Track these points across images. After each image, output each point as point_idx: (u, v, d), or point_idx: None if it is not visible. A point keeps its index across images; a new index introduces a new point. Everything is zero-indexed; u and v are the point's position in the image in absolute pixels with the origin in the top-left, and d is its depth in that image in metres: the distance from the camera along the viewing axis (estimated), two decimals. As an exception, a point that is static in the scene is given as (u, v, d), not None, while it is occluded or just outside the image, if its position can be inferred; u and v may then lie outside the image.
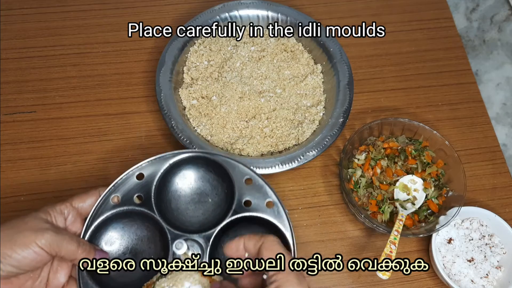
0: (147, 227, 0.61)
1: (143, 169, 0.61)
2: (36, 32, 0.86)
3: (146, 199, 0.59)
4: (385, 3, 0.94)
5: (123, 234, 0.61)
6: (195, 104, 0.76)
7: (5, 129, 0.77)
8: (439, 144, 0.74)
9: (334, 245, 0.72)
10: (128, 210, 0.59)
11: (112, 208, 0.58)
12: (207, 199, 0.65)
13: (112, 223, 0.60)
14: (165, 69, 0.76)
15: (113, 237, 0.60)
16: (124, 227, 0.61)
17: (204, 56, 0.79)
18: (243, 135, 0.75)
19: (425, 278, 0.71)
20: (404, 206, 0.70)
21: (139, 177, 0.60)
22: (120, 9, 0.89)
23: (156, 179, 0.60)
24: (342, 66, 0.78)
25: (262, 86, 0.78)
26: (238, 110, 0.75)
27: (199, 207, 0.64)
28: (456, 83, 0.86)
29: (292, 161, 0.70)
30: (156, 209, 0.59)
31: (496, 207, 0.76)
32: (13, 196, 0.72)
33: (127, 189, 0.60)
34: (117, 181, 0.60)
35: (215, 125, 0.75)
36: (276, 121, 0.75)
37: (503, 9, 0.89)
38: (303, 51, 0.83)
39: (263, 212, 0.60)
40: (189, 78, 0.79)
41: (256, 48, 0.81)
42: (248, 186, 0.61)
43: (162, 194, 0.62)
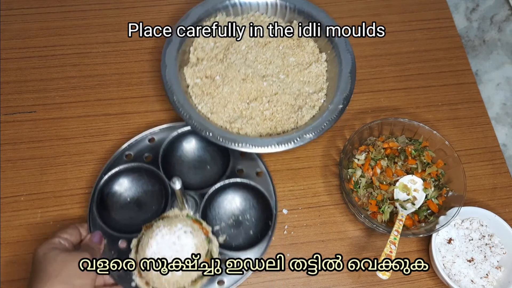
0: (153, 183, 0.71)
1: (155, 134, 0.74)
2: (36, 32, 0.86)
3: (154, 159, 0.71)
4: (385, 3, 0.94)
5: (131, 186, 0.71)
6: (198, 82, 0.77)
7: (5, 129, 0.77)
8: (439, 144, 0.74)
9: (334, 245, 0.72)
10: (138, 166, 0.70)
11: (125, 162, 0.70)
12: (206, 166, 0.75)
13: (124, 175, 0.70)
14: (172, 47, 0.77)
15: (123, 186, 0.70)
16: (133, 180, 0.71)
17: (211, 38, 0.81)
18: (243, 115, 0.76)
19: (425, 278, 0.71)
20: (404, 206, 0.70)
21: (150, 141, 0.73)
22: (120, 9, 0.89)
23: (165, 143, 0.72)
24: (346, 55, 0.78)
25: (266, 70, 0.79)
26: (240, 92, 0.76)
27: (199, 172, 0.74)
28: (456, 83, 0.86)
29: (289, 142, 0.70)
30: (162, 168, 0.69)
31: (496, 207, 0.76)
32: (13, 196, 0.72)
33: (139, 149, 0.73)
34: (132, 141, 0.73)
35: (216, 104, 0.76)
36: (277, 105, 0.76)
37: (503, 9, 0.89)
38: (309, 40, 0.83)
39: (252, 180, 0.70)
40: (195, 58, 0.80)
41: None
42: (243, 158, 0.74)
43: (168, 157, 0.73)
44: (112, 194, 0.70)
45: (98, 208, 0.67)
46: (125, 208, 0.70)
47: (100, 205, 0.68)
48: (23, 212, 0.71)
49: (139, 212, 0.70)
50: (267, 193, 0.70)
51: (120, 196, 0.70)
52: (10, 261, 0.68)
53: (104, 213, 0.68)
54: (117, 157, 0.71)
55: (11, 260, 0.68)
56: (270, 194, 0.71)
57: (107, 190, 0.69)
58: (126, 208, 0.70)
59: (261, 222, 0.70)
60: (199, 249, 0.61)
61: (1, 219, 0.71)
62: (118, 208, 0.69)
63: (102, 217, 0.66)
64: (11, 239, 0.69)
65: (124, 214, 0.69)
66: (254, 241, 0.68)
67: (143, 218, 0.68)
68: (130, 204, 0.70)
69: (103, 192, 0.69)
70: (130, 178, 0.71)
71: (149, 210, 0.70)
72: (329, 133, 0.80)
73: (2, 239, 0.69)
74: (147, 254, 0.60)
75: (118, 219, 0.69)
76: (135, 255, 0.64)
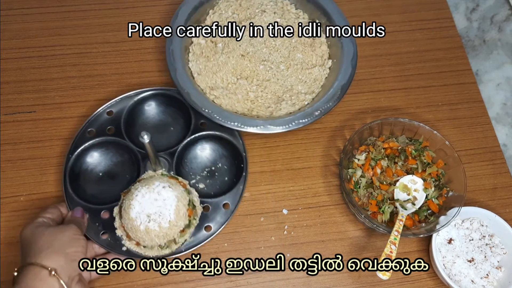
0: (121, 154, 0.73)
1: (112, 107, 0.75)
2: (36, 32, 0.86)
3: (117, 130, 0.73)
4: (385, 3, 0.93)
5: (100, 160, 0.73)
6: (201, 43, 0.80)
7: (5, 129, 0.77)
8: (439, 144, 0.73)
9: (334, 245, 0.72)
10: (102, 140, 0.72)
11: (89, 139, 0.72)
12: (169, 128, 0.77)
13: (90, 151, 0.72)
14: (190, 3, 0.80)
15: (92, 162, 0.73)
16: (101, 155, 0.73)
17: (232, 8, 0.83)
18: (227, 88, 0.77)
19: (425, 278, 0.71)
20: (404, 206, 0.70)
21: (109, 114, 0.75)
22: (120, 9, 0.89)
23: (124, 112, 0.74)
24: (347, 68, 0.78)
25: (269, 56, 0.80)
26: (234, 65, 0.78)
27: (164, 135, 0.76)
28: (456, 83, 0.86)
29: (251, 126, 0.71)
30: (126, 138, 0.72)
31: (497, 207, 0.76)
32: (13, 196, 0.72)
33: (100, 123, 0.74)
34: (90, 118, 0.74)
35: (207, 68, 0.78)
36: (264, 91, 0.77)
37: (503, 9, 0.89)
38: (323, 43, 0.83)
39: (216, 131, 0.74)
40: (210, 21, 0.82)
41: (282, 21, 0.83)
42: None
43: (130, 126, 0.75)
44: (83, 171, 0.72)
45: (72, 186, 0.69)
46: (99, 182, 0.72)
47: (74, 184, 0.70)
48: (23, 212, 0.71)
49: (115, 184, 0.72)
50: (233, 139, 0.73)
51: (91, 172, 0.72)
52: (10, 261, 0.68)
53: (80, 190, 0.70)
54: (80, 136, 0.73)
55: (11, 260, 0.68)
56: (236, 139, 0.74)
57: (77, 169, 0.71)
58: (101, 183, 0.72)
59: (233, 167, 0.74)
60: (180, 199, 0.63)
61: (1, 219, 0.71)
62: (93, 184, 0.72)
63: (78, 195, 0.69)
64: (11, 239, 0.69)
65: (100, 188, 0.71)
66: (231, 185, 0.72)
67: (120, 188, 0.70)
68: (103, 178, 0.72)
69: (73, 171, 0.71)
70: (98, 153, 0.73)
71: (123, 180, 0.72)
72: (329, 133, 0.80)
73: (2, 239, 0.69)
74: (131, 215, 0.62)
75: (95, 193, 0.71)
76: (119, 221, 0.66)
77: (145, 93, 0.76)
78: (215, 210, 0.70)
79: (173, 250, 0.65)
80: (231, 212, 0.70)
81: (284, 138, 0.79)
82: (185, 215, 0.64)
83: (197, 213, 0.68)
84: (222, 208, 0.70)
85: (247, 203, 0.74)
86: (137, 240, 0.64)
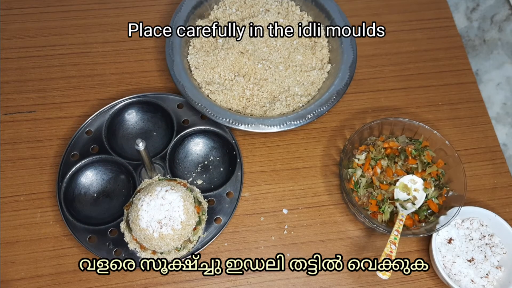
0: (110, 170, 0.72)
1: (89, 126, 0.74)
2: (36, 31, 0.86)
3: (100, 148, 0.72)
4: (385, 3, 0.93)
5: (92, 182, 0.71)
6: (202, 38, 0.80)
7: (5, 129, 0.77)
8: (439, 144, 0.73)
9: (334, 245, 0.72)
10: (88, 161, 0.71)
11: (75, 163, 0.70)
12: (152, 134, 0.76)
13: (78, 175, 0.71)
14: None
15: (83, 185, 0.71)
16: (91, 177, 0.72)
17: (236, 4, 0.83)
18: (223, 84, 0.77)
19: (425, 278, 0.71)
20: (404, 206, 0.70)
21: (88, 133, 0.74)
22: (120, 9, 0.89)
23: (103, 129, 0.73)
24: (344, 74, 0.78)
25: (268, 55, 0.80)
26: (233, 62, 0.78)
27: (149, 142, 0.75)
28: (456, 83, 0.86)
29: (242, 124, 0.71)
30: (112, 153, 0.71)
31: (497, 207, 0.76)
32: (13, 196, 0.72)
33: (81, 145, 0.72)
34: (70, 142, 0.72)
35: (206, 63, 0.78)
36: (260, 89, 0.77)
37: (503, 9, 0.89)
38: (325, 47, 0.83)
39: (201, 125, 0.74)
40: (214, 16, 0.83)
41: (285, 22, 0.83)
42: (181, 109, 0.76)
43: (114, 140, 0.74)
44: (77, 196, 0.71)
45: (71, 213, 0.68)
46: (96, 203, 0.71)
47: (72, 211, 0.69)
48: (23, 212, 0.71)
49: (112, 200, 0.71)
50: (220, 129, 0.74)
51: (85, 195, 0.71)
52: (10, 261, 0.68)
53: (80, 215, 0.69)
54: (65, 162, 0.71)
55: (11, 260, 0.68)
56: (223, 129, 0.74)
57: (71, 196, 0.70)
58: (98, 203, 0.71)
59: (226, 156, 0.75)
60: (186, 199, 0.64)
61: (1, 219, 0.71)
62: (90, 206, 0.71)
63: (79, 220, 0.68)
64: (11, 239, 0.69)
65: (99, 208, 0.71)
66: (229, 174, 0.73)
67: (119, 203, 0.70)
68: (99, 198, 0.71)
69: (67, 198, 0.69)
70: (87, 175, 0.72)
71: (120, 195, 0.71)
72: (329, 132, 0.80)
73: (2, 239, 0.69)
74: (142, 226, 0.62)
75: (95, 215, 0.70)
76: (129, 235, 0.66)
77: (119, 105, 0.75)
78: (220, 201, 0.71)
79: (190, 249, 0.66)
80: (236, 199, 0.71)
81: (284, 137, 0.79)
82: (194, 212, 0.65)
83: (204, 209, 0.69)
84: (227, 197, 0.71)
85: (247, 202, 0.74)
86: (152, 249, 0.64)
